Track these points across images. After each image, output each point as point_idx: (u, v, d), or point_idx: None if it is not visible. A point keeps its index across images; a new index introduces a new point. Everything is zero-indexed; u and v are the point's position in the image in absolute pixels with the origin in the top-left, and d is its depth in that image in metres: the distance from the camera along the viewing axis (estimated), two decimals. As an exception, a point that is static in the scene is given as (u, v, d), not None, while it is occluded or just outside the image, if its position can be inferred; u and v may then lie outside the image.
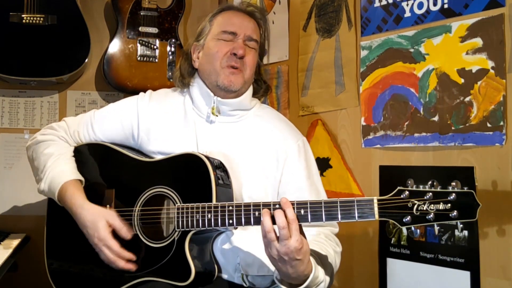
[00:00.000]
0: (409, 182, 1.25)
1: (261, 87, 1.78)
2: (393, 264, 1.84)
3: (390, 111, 1.87)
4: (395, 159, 1.86)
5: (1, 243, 2.05)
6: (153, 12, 2.49)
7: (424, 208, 1.21)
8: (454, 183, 1.21)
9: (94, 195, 1.60)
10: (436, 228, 1.21)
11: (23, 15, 2.29)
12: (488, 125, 1.59)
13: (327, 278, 1.43)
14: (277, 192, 1.63)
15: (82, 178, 1.63)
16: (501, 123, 1.57)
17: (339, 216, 1.29)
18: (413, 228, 1.22)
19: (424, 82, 1.77)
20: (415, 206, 1.21)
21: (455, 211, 1.19)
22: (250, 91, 1.72)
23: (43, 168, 1.64)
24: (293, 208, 1.31)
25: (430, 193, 1.21)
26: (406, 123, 1.81)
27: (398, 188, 1.24)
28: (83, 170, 1.66)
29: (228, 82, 1.62)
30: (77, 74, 2.46)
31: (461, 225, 1.29)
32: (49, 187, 1.61)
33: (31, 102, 2.50)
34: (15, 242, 2.06)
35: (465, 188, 1.21)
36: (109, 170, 1.66)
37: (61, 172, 1.61)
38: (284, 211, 1.30)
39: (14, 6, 2.29)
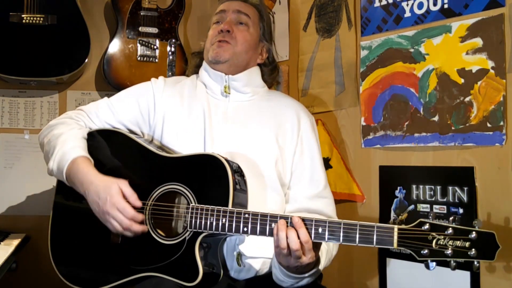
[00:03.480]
0: (430, 215, 1.25)
1: (268, 67, 1.84)
2: (393, 264, 1.84)
3: (390, 111, 1.87)
4: (395, 159, 1.86)
5: (1, 243, 2.04)
6: (153, 12, 2.49)
7: (444, 243, 1.20)
8: (476, 221, 1.21)
9: None
10: (453, 264, 1.21)
11: (23, 15, 2.29)
12: (488, 125, 1.59)
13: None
14: (292, 162, 1.67)
15: (92, 159, 1.60)
16: (501, 123, 1.57)
17: (357, 239, 1.28)
18: (429, 261, 1.22)
19: (424, 82, 1.77)
20: (435, 240, 1.21)
21: (474, 250, 1.18)
22: (257, 68, 1.81)
23: (53, 147, 1.62)
24: (312, 225, 1.31)
25: (451, 229, 1.20)
26: (406, 123, 1.81)
27: (420, 220, 1.24)
28: (96, 156, 1.62)
29: (215, 54, 1.71)
30: (77, 74, 2.46)
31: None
32: (58, 164, 1.58)
33: (31, 102, 2.50)
34: (15, 242, 2.05)
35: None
36: (123, 159, 1.63)
37: (71, 148, 1.58)
38: (296, 232, 1.30)
39: (14, 6, 2.28)
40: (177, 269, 1.44)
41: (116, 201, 1.45)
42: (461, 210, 1.65)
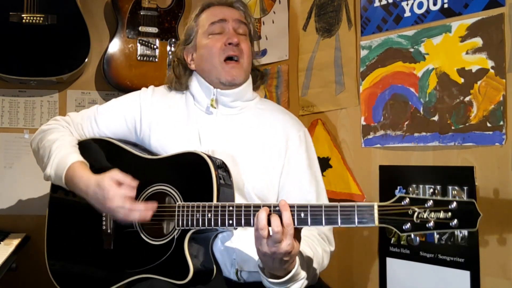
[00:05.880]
0: (410, 189, 1.24)
1: (257, 75, 1.79)
2: (393, 264, 1.84)
3: (390, 111, 1.87)
4: (395, 158, 1.86)
5: (1, 242, 2.05)
6: (153, 12, 2.49)
7: (425, 216, 1.20)
8: (455, 192, 1.20)
9: None
10: (436, 236, 1.20)
11: (23, 15, 2.29)
12: (488, 124, 1.59)
13: (305, 281, 1.43)
14: (279, 182, 1.64)
15: (87, 163, 1.62)
16: (501, 123, 1.57)
17: (339, 221, 1.28)
18: (412, 236, 1.21)
19: (424, 82, 1.77)
20: (416, 214, 1.20)
21: (456, 220, 1.18)
22: (249, 80, 1.73)
23: (48, 153, 1.64)
24: (294, 210, 1.31)
25: (431, 201, 1.20)
26: (406, 123, 1.81)
27: (399, 195, 1.24)
28: None
29: (231, 77, 1.64)
30: (77, 74, 2.46)
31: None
32: (56, 170, 1.60)
33: (31, 102, 2.50)
34: (15, 242, 2.06)
35: (464, 192, 1.20)
36: (111, 165, 1.64)
37: (67, 154, 1.61)
38: (281, 214, 1.30)
39: (14, 6, 2.29)
40: (168, 268, 1.45)
41: (111, 195, 1.45)
42: (461, 210, 1.65)
